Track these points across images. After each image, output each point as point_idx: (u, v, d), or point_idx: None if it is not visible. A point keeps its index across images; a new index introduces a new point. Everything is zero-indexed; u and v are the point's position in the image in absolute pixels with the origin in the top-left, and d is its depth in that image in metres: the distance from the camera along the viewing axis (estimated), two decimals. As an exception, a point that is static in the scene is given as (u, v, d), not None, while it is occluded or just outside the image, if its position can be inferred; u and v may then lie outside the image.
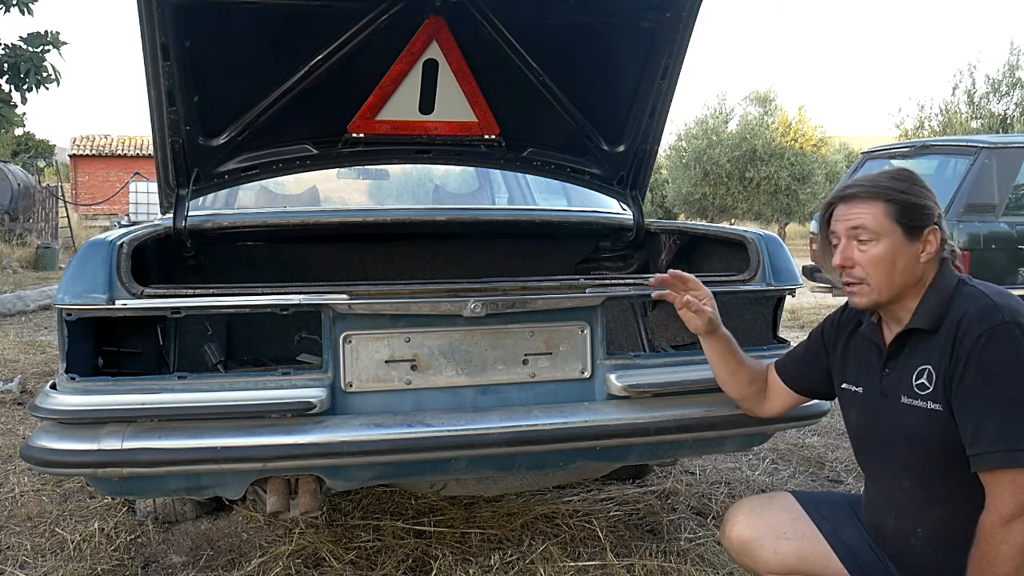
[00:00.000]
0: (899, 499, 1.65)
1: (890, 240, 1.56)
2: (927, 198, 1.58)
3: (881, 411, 1.66)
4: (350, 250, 3.17)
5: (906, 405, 1.59)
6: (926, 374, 1.55)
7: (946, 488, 1.57)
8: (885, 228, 1.56)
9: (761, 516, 1.83)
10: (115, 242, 1.97)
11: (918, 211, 1.56)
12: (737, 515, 1.86)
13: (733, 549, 1.86)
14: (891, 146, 7.43)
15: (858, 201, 1.59)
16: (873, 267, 1.57)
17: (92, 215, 22.62)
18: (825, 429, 4.07)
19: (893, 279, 1.57)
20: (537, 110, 2.63)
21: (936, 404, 1.53)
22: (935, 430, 1.54)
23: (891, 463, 1.66)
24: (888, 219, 1.55)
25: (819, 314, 8.28)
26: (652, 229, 3.04)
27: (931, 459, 1.57)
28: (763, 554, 1.78)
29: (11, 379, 4.99)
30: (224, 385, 1.94)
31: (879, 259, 1.57)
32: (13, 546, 2.67)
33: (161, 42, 2.11)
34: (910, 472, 1.62)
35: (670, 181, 22.88)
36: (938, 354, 1.53)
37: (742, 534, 1.82)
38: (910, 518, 1.63)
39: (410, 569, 2.50)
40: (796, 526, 1.79)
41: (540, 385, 2.12)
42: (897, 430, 1.62)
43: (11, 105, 8.14)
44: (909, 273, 1.57)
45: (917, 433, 1.57)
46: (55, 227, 17.03)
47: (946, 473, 1.55)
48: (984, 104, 17.51)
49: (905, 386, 1.59)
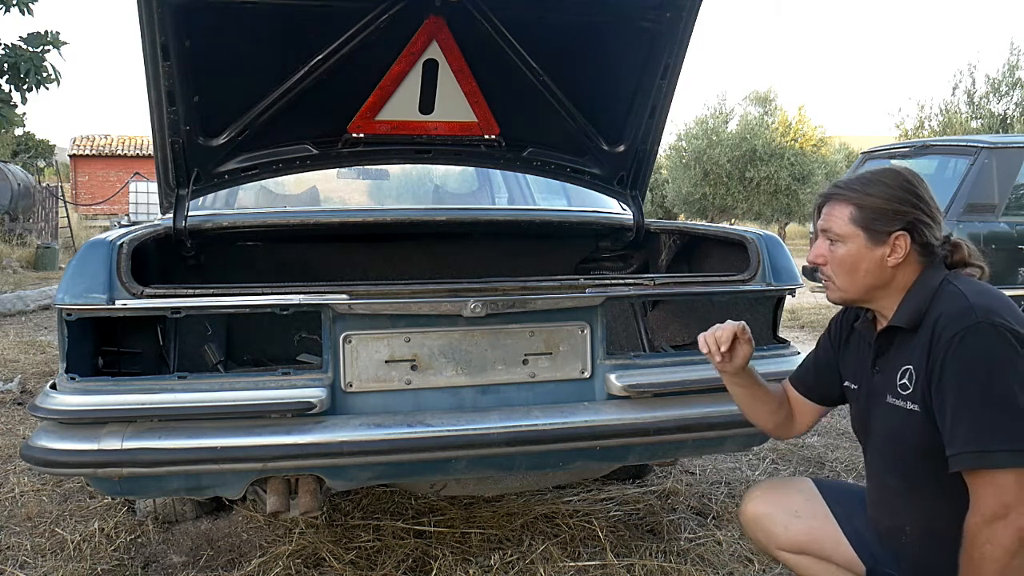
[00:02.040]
0: (889, 498, 1.67)
1: (854, 243, 1.59)
2: (901, 201, 1.57)
3: (872, 410, 1.68)
4: (350, 250, 3.17)
5: (890, 405, 1.61)
6: (907, 374, 1.57)
7: (930, 488, 1.58)
8: (848, 232, 1.59)
9: (777, 494, 1.87)
10: (115, 242, 1.97)
11: (884, 215, 1.57)
12: (755, 492, 1.90)
13: (747, 523, 1.89)
14: (891, 146, 7.42)
15: (835, 203, 1.63)
16: (838, 268, 1.62)
17: (92, 215, 22.61)
18: (825, 429, 4.07)
19: (856, 280, 1.61)
20: (537, 110, 2.63)
21: (914, 405, 1.55)
22: (914, 431, 1.55)
23: (881, 461, 1.69)
24: (852, 224, 1.59)
25: (819, 314, 8.28)
26: (652, 229, 3.04)
27: (913, 459, 1.59)
28: (775, 529, 1.82)
29: (11, 379, 4.99)
30: (224, 385, 1.94)
31: (842, 261, 1.61)
32: (13, 546, 2.67)
33: (161, 42, 2.11)
34: (896, 471, 1.64)
35: (670, 181, 22.87)
36: (918, 354, 1.55)
37: (757, 508, 1.86)
38: (899, 516, 1.65)
39: (410, 569, 2.50)
40: (810, 506, 1.81)
41: (540, 385, 2.12)
42: (883, 429, 1.64)
43: (11, 105, 8.14)
44: (875, 275, 1.59)
45: (900, 433, 1.59)
46: (55, 227, 17.03)
47: (929, 473, 1.56)
48: (984, 104, 17.50)
49: (890, 386, 1.61)
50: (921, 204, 1.58)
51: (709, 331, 1.79)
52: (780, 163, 20.54)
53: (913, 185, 1.60)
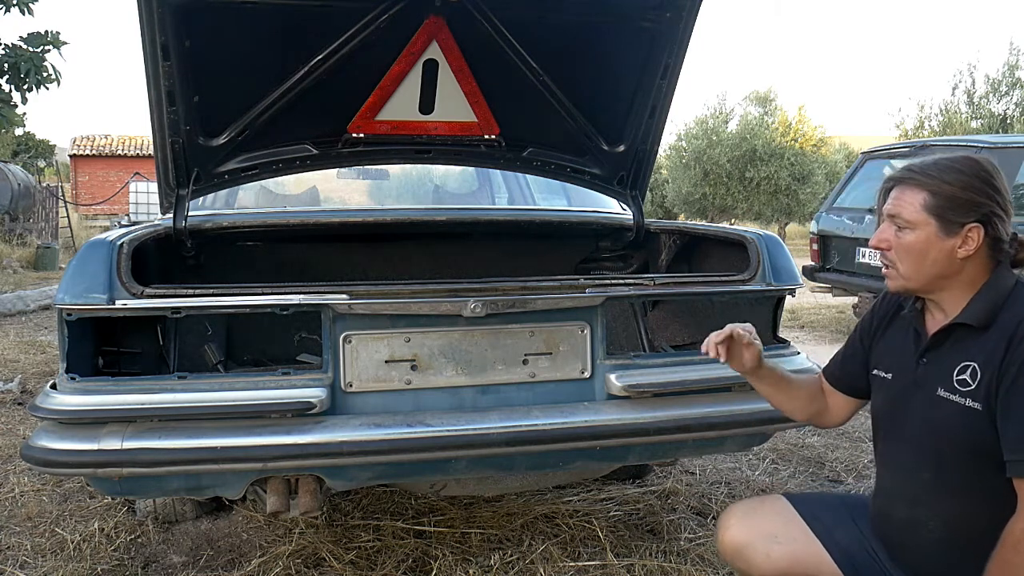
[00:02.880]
0: (916, 489, 1.63)
1: (924, 231, 1.53)
2: (978, 191, 1.52)
3: (911, 400, 1.63)
4: (350, 250, 3.18)
5: (941, 398, 1.56)
6: (969, 371, 1.52)
7: (966, 486, 1.55)
8: (920, 219, 1.53)
9: (753, 520, 1.82)
10: (115, 242, 1.98)
11: (961, 205, 1.51)
12: (729, 520, 1.84)
13: (726, 554, 1.85)
14: (891, 146, 7.41)
15: (905, 187, 1.56)
16: (904, 255, 1.56)
17: (92, 215, 22.59)
18: (824, 430, 4.07)
19: (922, 270, 1.55)
20: (537, 110, 2.63)
21: (975, 403, 1.50)
22: (968, 428, 1.51)
23: (912, 452, 1.63)
24: (925, 211, 1.52)
25: (819, 314, 8.29)
26: (652, 229, 3.04)
27: (956, 455, 1.55)
28: (756, 558, 1.77)
29: (11, 379, 4.99)
30: (224, 385, 1.94)
31: (909, 248, 1.55)
32: (13, 546, 2.67)
33: (161, 42, 2.11)
34: (931, 464, 1.59)
35: (670, 181, 22.86)
36: (987, 353, 1.50)
37: (735, 539, 1.81)
38: (924, 509, 1.61)
39: (410, 569, 2.50)
40: (788, 529, 1.78)
41: (540, 385, 2.12)
42: (926, 421, 1.59)
43: (11, 105, 8.14)
44: (942, 266, 1.54)
45: (947, 427, 1.55)
46: (55, 227, 17.02)
47: (969, 471, 1.53)
48: (984, 104, 17.50)
49: (944, 379, 1.56)
50: (997, 196, 1.53)
51: (713, 333, 1.77)
52: (780, 163, 20.53)
53: (991, 175, 1.54)
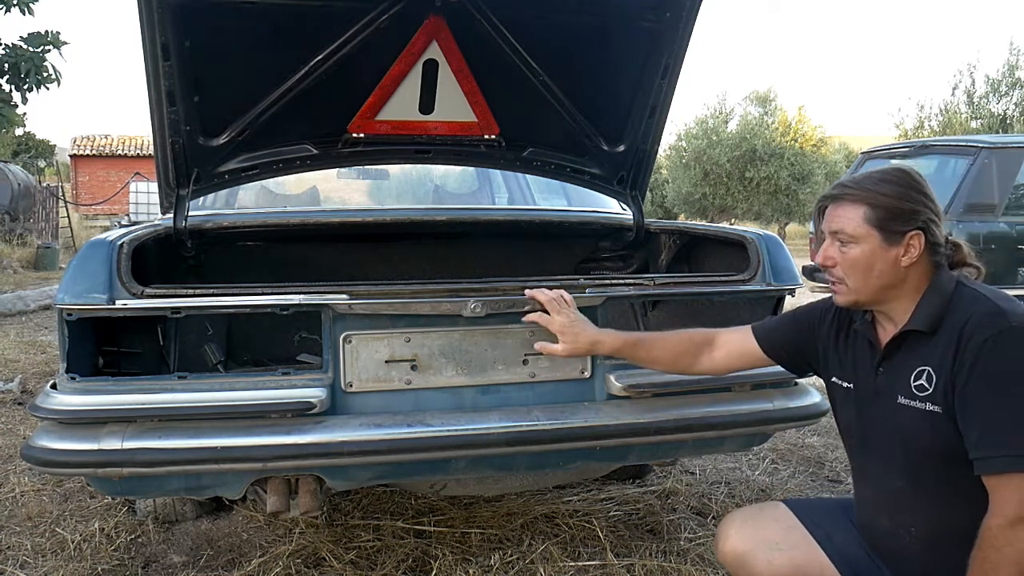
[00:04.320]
0: (893, 498, 1.65)
1: (868, 244, 1.57)
2: (914, 201, 1.56)
3: (874, 410, 1.67)
4: (350, 250, 3.17)
5: (902, 405, 1.59)
6: (925, 375, 1.55)
7: (940, 488, 1.57)
8: (863, 232, 1.56)
9: (754, 528, 1.82)
10: (115, 242, 1.97)
11: (899, 215, 1.55)
12: (729, 528, 1.85)
13: (728, 563, 1.85)
14: (891, 146, 7.43)
15: (842, 203, 1.60)
16: (850, 269, 1.59)
17: (92, 215, 22.60)
18: (825, 429, 4.06)
19: (869, 281, 1.59)
20: (537, 110, 2.62)
21: (935, 406, 1.53)
22: (932, 431, 1.54)
23: (885, 461, 1.66)
24: (867, 224, 1.56)
25: (819, 314, 8.27)
26: (652, 229, 3.04)
27: (926, 459, 1.58)
28: (758, 566, 1.77)
29: (11, 379, 4.99)
30: (224, 385, 1.94)
31: (855, 262, 1.58)
32: (13, 546, 2.67)
33: (161, 42, 2.11)
34: (904, 471, 1.62)
35: (670, 181, 22.88)
36: (939, 356, 1.53)
37: (736, 547, 1.81)
38: (904, 516, 1.64)
39: (410, 569, 2.50)
40: (789, 536, 1.78)
41: (540, 385, 2.12)
42: (892, 430, 1.62)
43: (11, 105, 8.15)
44: (888, 276, 1.58)
45: (913, 433, 1.58)
46: (55, 227, 17.03)
47: (941, 473, 1.56)
48: (984, 104, 17.51)
49: (902, 386, 1.60)
50: (930, 203, 1.57)
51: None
52: (780, 163, 20.54)
53: (921, 184, 1.59)
